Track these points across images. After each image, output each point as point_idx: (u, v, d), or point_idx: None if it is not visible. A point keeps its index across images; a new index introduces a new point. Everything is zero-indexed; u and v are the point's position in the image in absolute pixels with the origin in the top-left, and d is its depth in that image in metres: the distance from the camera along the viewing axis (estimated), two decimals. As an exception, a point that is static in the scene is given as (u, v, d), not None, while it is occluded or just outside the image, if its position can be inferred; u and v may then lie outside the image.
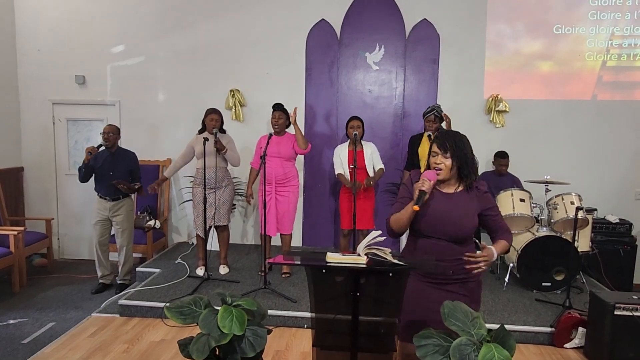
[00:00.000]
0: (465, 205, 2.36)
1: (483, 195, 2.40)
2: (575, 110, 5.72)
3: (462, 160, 2.33)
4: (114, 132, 4.83)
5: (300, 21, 5.83)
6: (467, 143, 2.39)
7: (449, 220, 2.33)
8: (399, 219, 2.37)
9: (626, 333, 3.39)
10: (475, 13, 5.73)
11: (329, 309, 2.39)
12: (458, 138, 2.36)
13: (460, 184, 2.40)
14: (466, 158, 2.34)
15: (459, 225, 2.33)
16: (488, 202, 2.41)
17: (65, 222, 6.32)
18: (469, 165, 2.36)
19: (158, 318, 4.22)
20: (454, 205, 2.35)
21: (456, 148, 2.32)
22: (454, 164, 2.33)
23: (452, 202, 2.36)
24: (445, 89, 5.79)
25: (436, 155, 2.34)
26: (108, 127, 4.86)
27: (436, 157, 2.34)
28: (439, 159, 2.33)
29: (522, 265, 4.69)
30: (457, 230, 2.33)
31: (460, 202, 2.36)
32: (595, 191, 5.58)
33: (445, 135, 2.38)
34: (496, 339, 1.99)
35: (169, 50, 6.05)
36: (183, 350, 2.22)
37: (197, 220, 4.90)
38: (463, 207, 2.35)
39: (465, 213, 2.34)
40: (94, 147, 4.72)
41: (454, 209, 2.34)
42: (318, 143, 5.86)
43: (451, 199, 2.37)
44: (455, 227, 2.33)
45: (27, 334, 4.06)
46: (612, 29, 5.62)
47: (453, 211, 2.33)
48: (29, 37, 6.15)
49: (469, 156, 2.36)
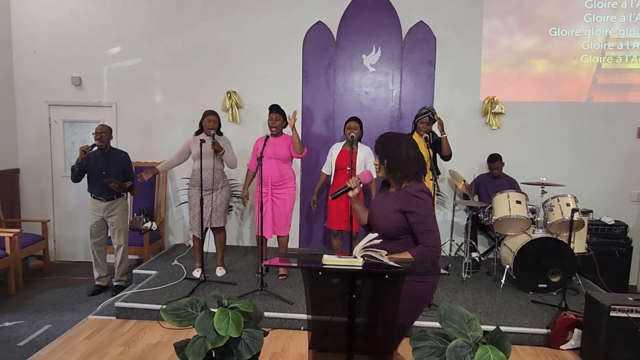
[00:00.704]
0: (388, 203, 2.48)
1: (405, 196, 2.44)
2: (571, 112, 5.75)
3: (386, 158, 2.47)
4: (106, 132, 4.83)
5: (297, 23, 5.84)
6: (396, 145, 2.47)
7: (374, 217, 2.52)
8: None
9: (622, 334, 3.40)
10: (471, 15, 5.75)
11: (325, 311, 2.40)
12: (388, 139, 2.50)
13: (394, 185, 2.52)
14: (389, 156, 2.46)
15: (378, 222, 2.49)
16: (409, 205, 2.42)
17: (61, 224, 6.30)
18: (393, 163, 2.45)
19: (154, 320, 4.21)
20: (383, 203, 2.51)
21: (382, 149, 2.48)
22: (382, 163, 2.47)
23: (383, 201, 2.53)
24: (441, 91, 5.81)
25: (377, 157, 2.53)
26: (100, 127, 4.84)
27: (376, 158, 2.53)
28: (376, 161, 2.53)
29: (518, 266, 4.70)
30: (378, 227, 2.48)
31: (387, 200, 2.51)
32: (591, 193, 5.60)
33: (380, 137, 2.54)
34: (492, 341, 2.00)
35: (165, 52, 6.05)
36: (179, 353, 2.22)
37: (192, 221, 4.89)
38: (384, 206, 2.49)
39: (383, 212, 2.48)
40: (88, 146, 4.71)
41: (381, 207, 2.50)
42: (315, 145, 5.87)
43: (385, 197, 2.52)
44: (377, 224, 2.49)
45: (23, 336, 4.05)
46: (607, 31, 5.64)
47: (380, 209, 2.50)
48: (25, 39, 6.14)
49: (399, 157, 2.45)
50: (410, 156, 2.47)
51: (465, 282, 4.97)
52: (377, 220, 2.49)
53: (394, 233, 2.46)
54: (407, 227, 2.43)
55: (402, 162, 2.45)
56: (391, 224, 2.44)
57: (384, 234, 2.45)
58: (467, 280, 5.03)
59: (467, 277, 5.05)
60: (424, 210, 2.42)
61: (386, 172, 2.48)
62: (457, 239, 5.91)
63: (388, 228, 2.45)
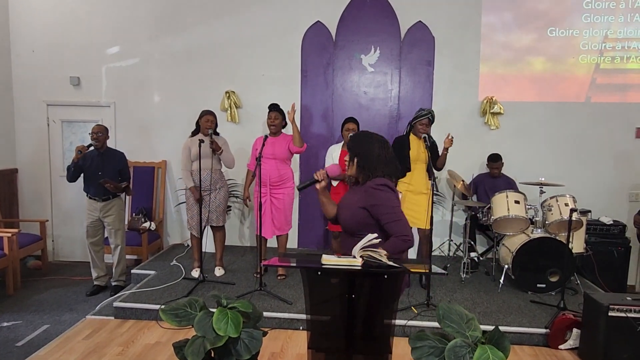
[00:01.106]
0: (352, 199, 2.51)
1: (367, 191, 2.45)
2: (569, 112, 5.76)
3: (357, 155, 2.49)
4: (102, 132, 4.82)
5: (295, 23, 5.84)
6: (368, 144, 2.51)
7: (340, 212, 2.56)
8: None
9: (620, 334, 3.40)
10: (470, 15, 5.75)
11: (324, 311, 2.40)
12: (360, 138, 2.55)
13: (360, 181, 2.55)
14: (359, 153, 2.48)
15: (342, 217, 2.52)
16: (371, 198, 2.43)
17: (60, 223, 6.29)
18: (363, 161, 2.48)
19: (153, 320, 4.21)
20: (348, 199, 2.55)
21: (354, 148, 2.51)
22: (353, 160, 2.50)
23: (348, 196, 2.57)
24: (440, 91, 5.81)
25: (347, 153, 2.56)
26: (97, 127, 4.83)
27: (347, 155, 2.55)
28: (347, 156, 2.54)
29: (517, 266, 4.71)
30: (342, 222, 2.52)
31: (350, 196, 2.55)
32: (589, 193, 5.61)
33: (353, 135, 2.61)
34: (491, 341, 2.00)
35: (164, 52, 6.05)
36: (178, 353, 2.22)
37: (191, 221, 4.89)
38: (350, 201, 2.52)
39: (347, 206, 2.51)
40: (84, 146, 4.70)
41: (345, 202, 2.54)
42: (314, 144, 5.87)
43: (349, 192, 2.56)
44: (341, 219, 2.53)
45: (21, 336, 4.04)
46: (605, 32, 5.65)
47: (345, 205, 2.53)
48: (23, 38, 6.13)
49: (369, 157, 2.47)
50: (380, 157, 2.49)
51: (463, 282, 4.97)
52: (342, 214, 2.53)
53: (355, 228, 2.48)
54: (369, 223, 2.43)
55: (372, 162, 2.47)
56: (353, 218, 2.47)
57: (346, 228, 2.52)
58: (466, 280, 5.03)
59: (465, 277, 5.06)
60: (386, 201, 2.42)
61: (356, 170, 2.51)
62: (455, 239, 5.92)
63: (350, 222, 2.49)
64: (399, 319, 3.74)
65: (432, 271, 2.37)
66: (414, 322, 4.00)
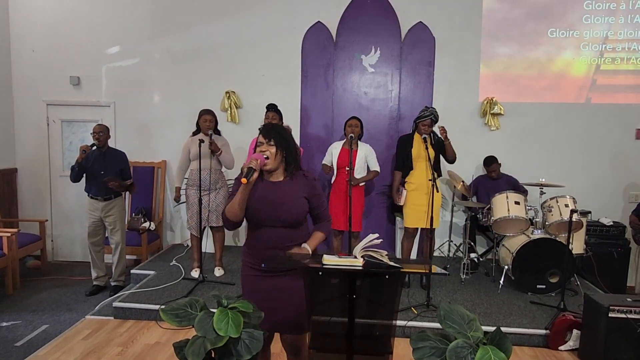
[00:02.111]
0: (293, 191, 2.50)
1: (311, 182, 2.57)
2: (570, 113, 5.76)
3: (285, 149, 2.49)
4: (104, 131, 4.81)
5: (296, 23, 5.84)
6: (289, 135, 2.57)
7: (280, 206, 2.46)
8: (232, 205, 2.46)
9: (620, 335, 3.40)
10: (470, 16, 5.75)
11: (325, 311, 2.39)
12: (282, 129, 2.55)
13: (285, 172, 2.54)
14: (289, 147, 2.50)
15: (288, 209, 2.47)
16: (315, 189, 2.57)
17: (59, 223, 6.28)
18: (292, 155, 2.52)
19: (152, 320, 4.20)
20: (283, 192, 2.49)
21: (280, 138, 2.48)
22: (278, 152, 2.46)
23: (280, 190, 2.50)
24: (440, 91, 5.81)
25: (262, 144, 2.48)
26: (98, 127, 4.83)
27: (262, 146, 2.48)
28: (264, 147, 2.46)
29: (517, 267, 4.70)
30: (288, 215, 2.47)
31: (287, 188, 2.51)
32: (590, 194, 5.61)
33: (270, 126, 2.55)
34: (492, 341, 1.99)
35: (164, 52, 6.04)
36: (179, 353, 2.20)
37: (190, 221, 4.88)
38: (290, 193, 2.50)
39: (293, 198, 2.49)
40: (88, 146, 4.69)
41: (283, 196, 2.48)
42: (313, 145, 5.86)
43: (279, 186, 2.51)
44: (284, 212, 2.46)
45: (20, 336, 4.03)
46: (606, 33, 5.66)
47: (282, 197, 2.47)
48: (23, 38, 6.12)
49: (292, 146, 2.53)
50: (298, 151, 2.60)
51: (463, 283, 4.97)
52: (286, 209, 2.46)
53: (300, 218, 2.52)
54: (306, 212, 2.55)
55: (297, 156, 2.56)
56: (300, 208, 2.50)
57: (291, 222, 2.49)
58: (466, 280, 5.03)
59: (465, 278, 5.06)
60: (322, 191, 2.65)
61: (281, 162, 2.50)
62: (455, 239, 5.91)
63: (296, 213, 2.49)
64: (399, 320, 3.74)
65: (433, 271, 2.37)
66: (414, 323, 4.00)
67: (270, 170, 2.48)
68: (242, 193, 2.38)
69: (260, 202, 2.45)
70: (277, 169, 2.50)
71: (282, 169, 2.52)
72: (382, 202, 5.82)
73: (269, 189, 2.48)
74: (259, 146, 2.49)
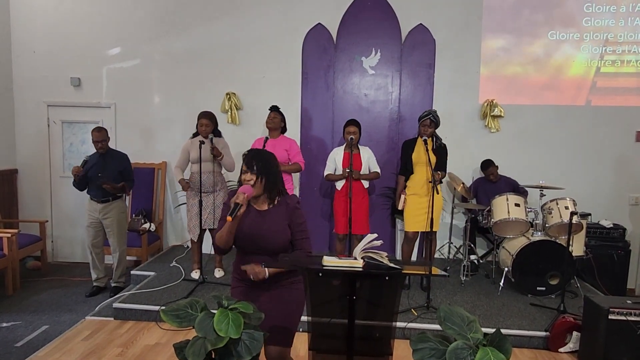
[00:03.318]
0: (277, 220, 2.49)
1: (292, 210, 2.52)
2: (570, 115, 5.76)
3: (265, 175, 2.45)
4: (104, 138, 4.80)
5: (296, 25, 5.85)
6: (275, 163, 2.53)
7: (263, 235, 2.46)
8: (220, 234, 2.46)
9: (620, 337, 3.40)
10: (470, 19, 5.76)
11: (325, 313, 2.40)
12: (266, 157, 2.51)
13: (268, 200, 2.52)
14: (269, 173, 2.46)
15: (271, 239, 2.46)
16: (297, 217, 2.52)
17: (59, 224, 6.28)
18: (271, 181, 2.48)
19: (153, 321, 4.21)
20: (268, 221, 2.48)
21: (261, 165, 2.44)
22: (260, 180, 2.43)
23: (265, 219, 2.49)
24: (440, 93, 5.81)
25: (246, 173, 2.46)
26: (96, 134, 4.77)
27: (246, 175, 2.45)
28: (248, 177, 2.44)
29: (517, 269, 4.71)
30: (270, 245, 2.46)
31: (272, 217, 2.49)
32: (590, 196, 5.62)
33: (252, 154, 2.49)
34: (492, 343, 2.00)
35: (165, 53, 6.05)
36: (179, 354, 2.21)
37: (191, 223, 4.88)
38: (275, 222, 2.48)
39: (277, 228, 2.48)
40: (79, 168, 4.72)
41: (267, 225, 2.47)
42: (314, 147, 5.87)
43: (265, 215, 2.50)
44: (268, 242, 2.46)
45: (20, 337, 4.03)
46: (606, 35, 5.67)
47: (265, 227, 2.47)
48: (24, 39, 6.13)
49: (274, 171, 2.50)
50: (280, 174, 2.55)
51: (463, 285, 4.97)
52: (271, 239, 2.46)
53: (286, 247, 2.51)
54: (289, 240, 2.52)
55: (279, 180, 2.53)
56: (285, 238, 2.49)
57: (276, 251, 2.46)
58: (466, 282, 5.03)
59: (465, 280, 5.06)
60: (305, 219, 2.56)
61: (264, 188, 2.47)
62: (455, 241, 5.92)
63: (282, 244, 2.48)
64: (399, 321, 3.75)
65: (433, 273, 2.37)
66: (414, 325, 4.00)
67: (256, 196, 2.48)
68: (230, 226, 2.39)
69: (246, 233, 2.46)
70: (260, 196, 2.49)
71: (265, 197, 2.52)
72: (383, 204, 5.82)
73: (255, 219, 2.49)
74: (244, 174, 2.48)
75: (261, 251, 2.47)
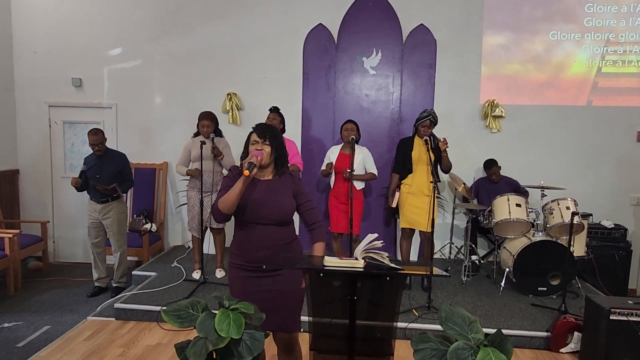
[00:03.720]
0: (281, 189, 2.58)
1: (295, 181, 2.66)
2: (571, 115, 5.76)
3: (277, 147, 2.58)
4: (102, 141, 4.80)
5: (297, 25, 5.85)
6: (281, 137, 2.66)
7: (270, 204, 2.52)
8: (228, 196, 2.46)
9: (622, 338, 3.40)
10: (471, 19, 5.76)
11: (326, 313, 2.40)
12: (275, 130, 2.63)
13: (274, 172, 2.63)
14: (282, 148, 2.62)
15: (277, 208, 2.53)
16: (300, 186, 2.66)
17: (61, 225, 6.29)
18: (282, 156, 2.63)
19: (154, 322, 4.21)
20: (272, 190, 2.56)
21: (274, 139, 2.57)
22: (272, 151, 2.55)
23: (270, 188, 2.57)
24: (441, 93, 5.81)
25: (256, 143, 2.55)
26: (92, 137, 4.74)
27: (257, 145, 2.55)
28: (260, 146, 2.53)
29: (518, 269, 4.70)
30: (275, 213, 2.52)
31: (278, 186, 2.59)
32: (591, 196, 5.61)
33: (264, 127, 2.61)
34: (493, 343, 1.99)
35: (166, 54, 6.06)
36: (180, 354, 2.21)
37: (192, 222, 4.89)
38: (280, 191, 2.58)
39: (282, 196, 2.56)
40: (77, 179, 4.74)
41: (274, 194, 2.55)
42: (314, 147, 5.87)
43: (269, 185, 2.58)
44: (274, 210, 2.52)
45: (22, 337, 4.04)
46: (607, 35, 5.66)
47: (273, 196, 2.54)
48: (25, 39, 6.14)
49: (283, 147, 2.64)
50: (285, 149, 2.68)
51: (464, 285, 4.97)
52: (277, 206, 2.53)
53: (290, 217, 2.59)
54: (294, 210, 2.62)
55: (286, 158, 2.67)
56: (290, 207, 2.58)
57: (281, 220, 2.54)
58: (467, 283, 5.03)
59: (466, 280, 5.05)
60: (307, 190, 2.71)
61: (273, 159, 2.59)
62: (456, 241, 5.91)
63: (287, 213, 2.56)
64: (400, 322, 3.75)
65: (434, 273, 2.37)
66: (415, 325, 4.00)
67: (263, 166, 2.54)
68: (242, 184, 2.41)
69: (252, 200, 2.51)
70: (268, 167, 2.58)
71: (271, 168, 2.60)
72: (381, 204, 5.82)
73: (260, 187, 2.55)
74: (254, 144, 2.56)
75: (266, 220, 2.51)
